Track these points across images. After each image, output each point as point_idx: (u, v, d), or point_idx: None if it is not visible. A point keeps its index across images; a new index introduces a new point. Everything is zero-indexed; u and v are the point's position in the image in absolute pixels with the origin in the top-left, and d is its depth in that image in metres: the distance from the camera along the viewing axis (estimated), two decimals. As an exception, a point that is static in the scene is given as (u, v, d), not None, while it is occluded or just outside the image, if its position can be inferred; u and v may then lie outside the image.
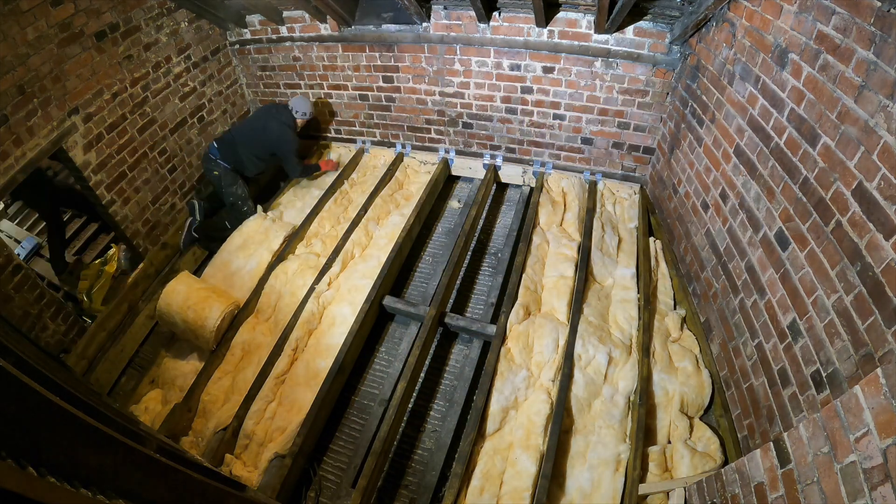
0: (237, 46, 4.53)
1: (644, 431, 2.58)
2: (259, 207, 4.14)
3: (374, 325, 3.42)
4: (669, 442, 2.63)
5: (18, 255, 4.05)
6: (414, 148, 4.70)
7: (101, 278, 3.91)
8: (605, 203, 4.08)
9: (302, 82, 4.59)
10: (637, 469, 2.43)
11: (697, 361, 2.89)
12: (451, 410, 2.88)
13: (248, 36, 4.43)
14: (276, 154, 4.09)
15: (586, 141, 4.04)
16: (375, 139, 4.82)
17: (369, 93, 4.44)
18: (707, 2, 2.76)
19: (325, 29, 4.13)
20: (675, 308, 3.27)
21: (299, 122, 4.13)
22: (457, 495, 2.41)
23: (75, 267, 4.29)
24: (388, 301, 3.43)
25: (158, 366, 3.30)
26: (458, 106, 4.22)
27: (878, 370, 1.24)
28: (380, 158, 4.77)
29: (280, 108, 4.09)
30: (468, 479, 2.51)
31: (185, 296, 3.25)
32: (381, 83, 4.33)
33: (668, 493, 2.36)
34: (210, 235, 4.08)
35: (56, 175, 4.70)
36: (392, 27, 3.92)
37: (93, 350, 3.34)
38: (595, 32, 3.42)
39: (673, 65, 3.37)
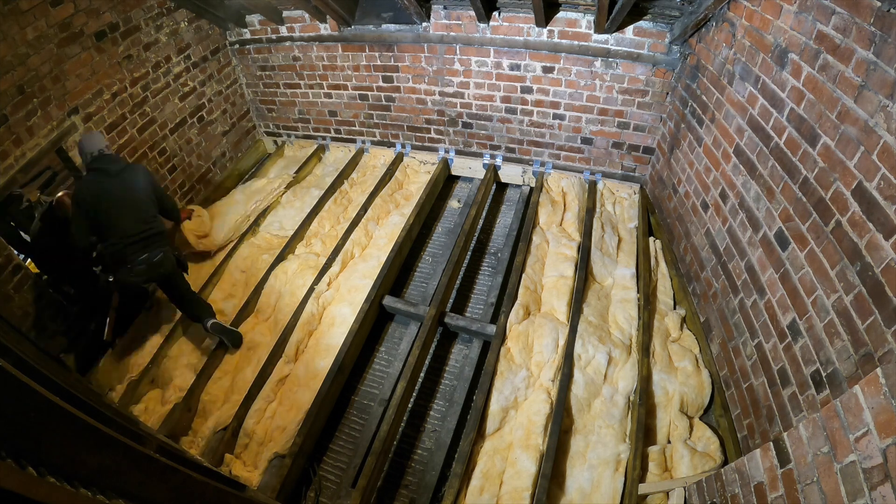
0: (237, 46, 4.53)
1: (644, 431, 2.59)
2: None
3: (373, 324, 3.42)
4: (669, 442, 2.63)
5: (18, 255, 4.05)
6: (414, 148, 4.70)
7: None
8: (604, 203, 4.08)
9: (302, 82, 4.59)
10: (637, 469, 2.43)
11: (697, 361, 2.89)
12: (450, 410, 2.88)
13: (248, 36, 4.43)
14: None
15: (586, 141, 4.04)
16: (375, 139, 4.82)
17: (369, 93, 4.44)
18: (707, 2, 2.76)
19: (325, 29, 4.13)
20: (674, 308, 3.27)
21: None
22: (457, 495, 2.41)
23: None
24: (388, 301, 3.43)
25: (158, 366, 3.29)
26: (458, 106, 4.22)
27: (878, 370, 1.24)
28: (379, 158, 4.77)
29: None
30: (468, 479, 2.51)
31: None
32: (380, 83, 4.32)
33: (667, 493, 2.36)
34: None
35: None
36: (392, 27, 3.92)
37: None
38: (595, 32, 3.42)
39: (673, 65, 3.37)
